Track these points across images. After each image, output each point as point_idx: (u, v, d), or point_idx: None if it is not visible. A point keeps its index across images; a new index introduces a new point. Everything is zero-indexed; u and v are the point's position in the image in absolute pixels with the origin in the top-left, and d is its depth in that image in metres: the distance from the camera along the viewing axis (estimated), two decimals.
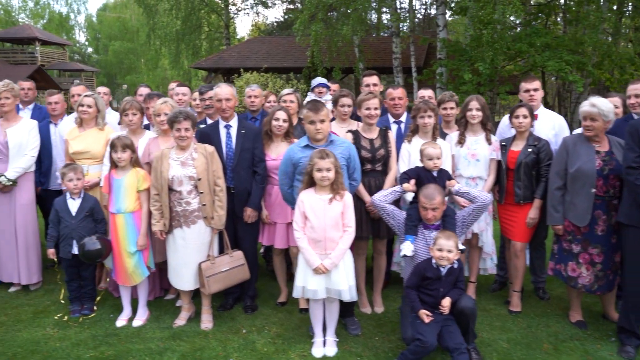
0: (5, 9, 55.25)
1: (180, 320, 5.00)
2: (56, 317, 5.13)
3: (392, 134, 5.20)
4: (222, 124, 5.12)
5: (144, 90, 6.66)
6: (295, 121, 5.62)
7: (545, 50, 13.33)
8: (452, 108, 5.63)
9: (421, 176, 4.54)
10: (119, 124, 5.61)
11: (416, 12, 18.04)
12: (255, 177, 5.06)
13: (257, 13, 48.59)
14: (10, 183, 5.51)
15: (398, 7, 16.80)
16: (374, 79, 6.06)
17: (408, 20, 16.22)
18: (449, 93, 5.76)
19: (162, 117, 5.11)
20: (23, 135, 5.64)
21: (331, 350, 4.43)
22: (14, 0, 62.70)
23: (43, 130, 6.03)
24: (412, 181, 4.53)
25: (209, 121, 5.61)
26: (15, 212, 5.64)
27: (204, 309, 5.00)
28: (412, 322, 4.18)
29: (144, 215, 4.89)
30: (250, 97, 6.03)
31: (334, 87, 6.93)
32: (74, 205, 5.08)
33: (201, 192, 4.70)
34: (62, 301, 5.30)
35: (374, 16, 23.31)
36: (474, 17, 14.17)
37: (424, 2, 28.35)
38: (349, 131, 5.11)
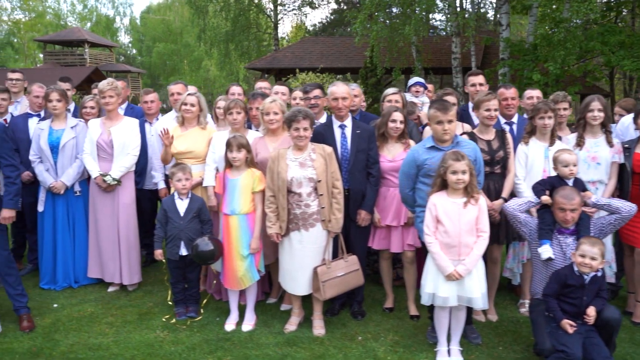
0: (56, 13, 56.60)
1: (291, 326, 4.87)
2: (164, 320, 5.05)
3: (509, 135, 4.97)
4: (336, 123, 4.98)
5: (236, 89, 6.54)
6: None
7: (619, 49, 12.87)
8: (565, 109, 5.39)
9: (555, 186, 4.29)
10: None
11: (465, 11, 17.50)
12: (370, 179, 4.89)
13: (306, 15, 48.57)
14: (115, 182, 5.47)
15: (458, 6, 16.40)
16: (480, 79, 5.84)
17: (469, 20, 15.75)
18: (562, 93, 5.52)
19: (272, 115, 4.99)
20: (126, 134, 5.60)
21: None
22: (62, 4, 63.82)
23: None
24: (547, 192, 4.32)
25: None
26: (119, 212, 5.59)
27: (315, 314, 4.86)
28: (553, 332, 3.95)
29: (258, 218, 4.77)
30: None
31: (430, 87, 6.74)
32: (182, 205, 5.00)
33: (321, 194, 4.56)
34: (170, 302, 5.21)
35: (438, 16, 22.98)
36: (545, 15, 13.78)
37: (477, 2, 27.85)
38: (464, 133, 4.91)
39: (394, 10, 16.65)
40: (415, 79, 6.63)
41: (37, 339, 4.68)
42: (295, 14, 29.57)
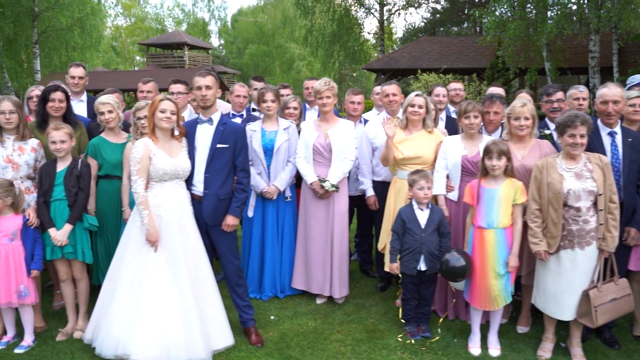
0: (157, 18, 58.70)
1: (546, 353, 4.36)
2: (399, 339, 4.65)
3: None
4: (604, 130, 4.43)
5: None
6: None
7: None
8: None
9: None
10: None
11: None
12: None
13: (411, 13, 47.92)
14: (334, 189, 5.14)
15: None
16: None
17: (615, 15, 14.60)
18: None
19: (522, 121, 4.49)
20: (344, 137, 5.26)
21: None
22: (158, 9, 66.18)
23: None
24: None
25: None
26: (333, 220, 5.26)
27: (574, 341, 4.34)
28: None
29: (517, 232, 4.29)
30: None
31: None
32: (422, 216, 4.59)
33: (600, 209, 4.02)
34: (403, 321, 4.81)
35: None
36: None
37: None
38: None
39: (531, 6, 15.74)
40: (637, 78, 5.94)
41: (273, 355, 4.40)
42: (398, 14, 28.76)
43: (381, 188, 5.52)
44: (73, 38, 25.80)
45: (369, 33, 29.80)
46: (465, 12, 33.51)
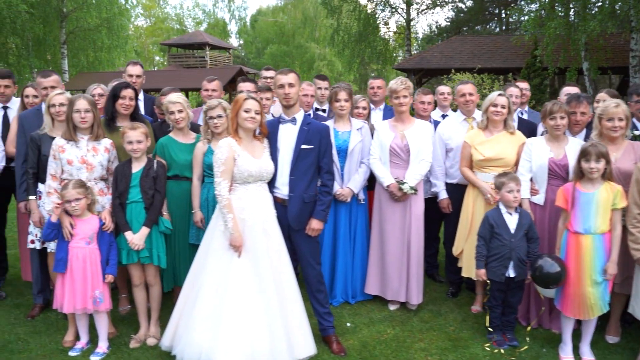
0: (179, 19, 58.96)
1: None
2: (486, 347, 4.47)
3: None
4: None
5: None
6: None
7: None
8: None
9: None
10: None
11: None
12: None
13: (437, 12, 47.62)
14: (413, 191, 4.96)
15: None
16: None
17: None
18: None
19: (616, 122, 4.29)
20: (421, 138, 5.07)
21: None
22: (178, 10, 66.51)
23: None
24: None
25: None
26: (410, 223, 5.07)
27: None
28: None
29: (616, 238, 4.08)
30: None
31: None
32: (512, 221, 4.41)
33: None
34: (490, 329, 4.61)
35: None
36: None
37: None
38: None
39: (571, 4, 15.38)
40: None
41: None
42: (425, 13, 28.50)
43: (455, 191, 5.34)
44: (100, 38, 25.86)
45: (395, 33, 29.42)
46: (490, 11, 33.24)
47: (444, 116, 6.35)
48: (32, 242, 4.91)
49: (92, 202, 4.36)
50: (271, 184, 4.29)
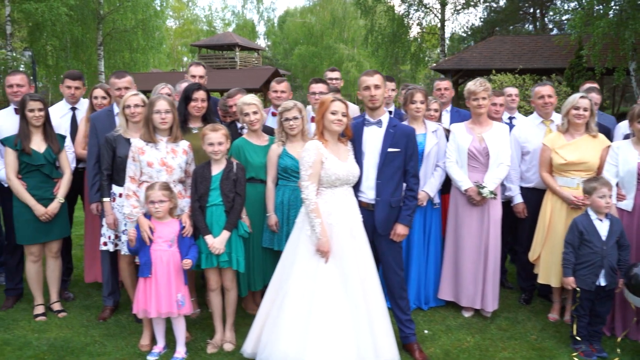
0: (208, 20, 59.33)
1: None
2: (574, 357, 4.32)
3: None
4: None
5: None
6: None
7: None
8: None
9: None
10: None
11: None
12: None
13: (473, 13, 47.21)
14: (492, 196, 4.82)
15: None
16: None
17: None
18: None
19: None
20: (499, 141, 4.93)
21: None
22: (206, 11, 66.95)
23: None
24: None
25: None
26: (488, 229, 4.94)
27: None
28: None
29: None
30: None
31: None
32: (603, 227, 4.26)
33: None
34: (578, 339, 4.44)
35: None
36: None
37: None
38: None
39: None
40: None
41: None
42: (458, 13, 28.20)
43: (531, 195, 5.20)
44: (136, 39, 26.08)
45: (428, 33, 29.13)
46: (524, 10, 32.79)
47: (510, 118, 6.19)
48: (105, 244, 4.89)
49: (174, 206, 4.32)
50: (355, 187, 4.19)
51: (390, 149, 4.11)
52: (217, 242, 4.28)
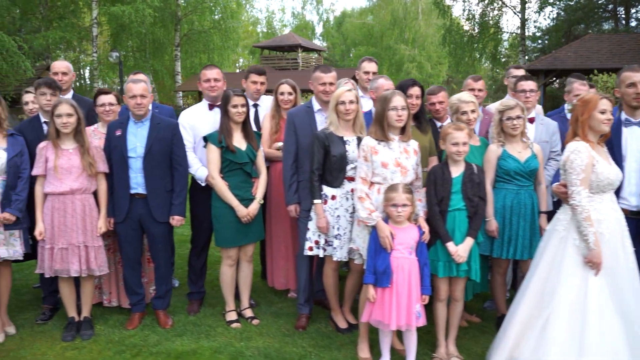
0: (269, 22, 59.82)
1: None
2: None
3: None
4: None
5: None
6: None
7: None
8: None
9: None
10: None
11: None
12: None
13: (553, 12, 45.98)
14: None
15: None
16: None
17: None
18: None
19: None
20: None
21: None
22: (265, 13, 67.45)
23: None
24: None
25: None
26: None
27: None
28: None
29: None
30: None
31: None
32: None
33: None
34: None
35: None
36: None
37: None
38: None
39: None
40: None
41: None
42: (537, 12, 27.39)
43: None
44: (212, 40, 26.20)
45: (507, 32, 28.42)
46: (604, 8, 31.61)
47: None
48: (311, 249, 4.60)
49: (413, 210, 4.00)
50: (615, 194, 3.80)
51: None
52: (461, 249, 3.94)
